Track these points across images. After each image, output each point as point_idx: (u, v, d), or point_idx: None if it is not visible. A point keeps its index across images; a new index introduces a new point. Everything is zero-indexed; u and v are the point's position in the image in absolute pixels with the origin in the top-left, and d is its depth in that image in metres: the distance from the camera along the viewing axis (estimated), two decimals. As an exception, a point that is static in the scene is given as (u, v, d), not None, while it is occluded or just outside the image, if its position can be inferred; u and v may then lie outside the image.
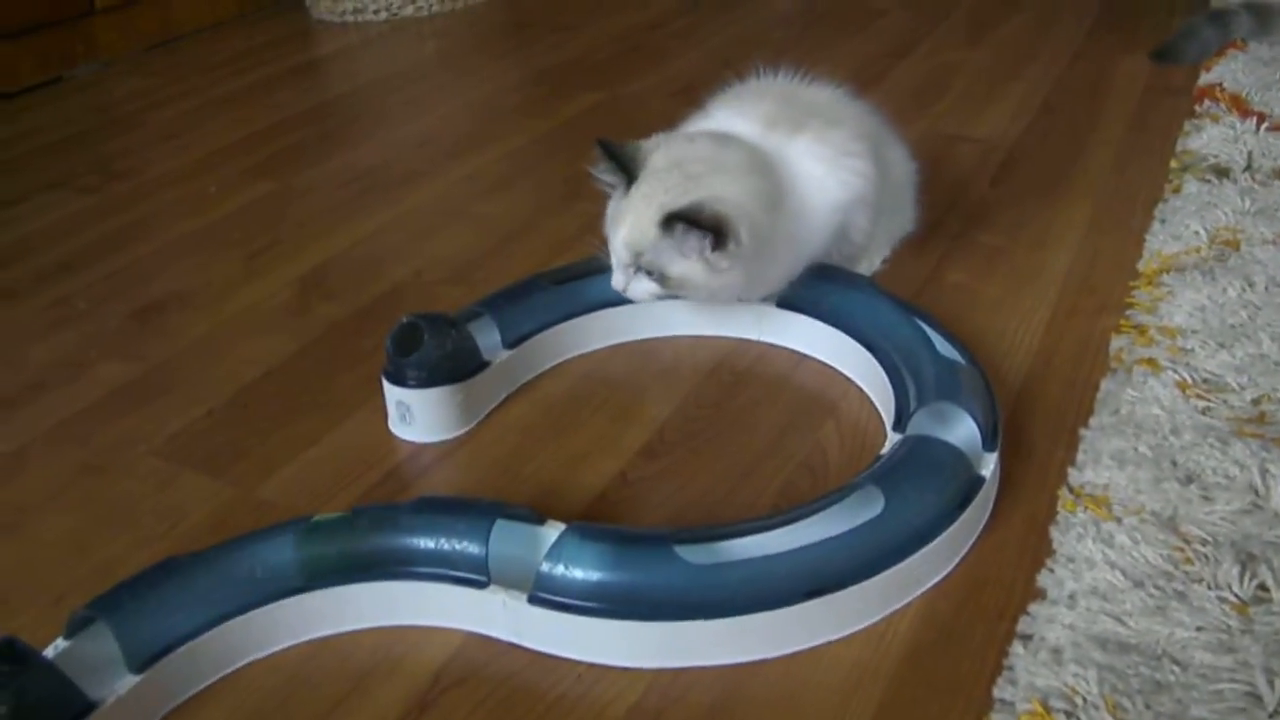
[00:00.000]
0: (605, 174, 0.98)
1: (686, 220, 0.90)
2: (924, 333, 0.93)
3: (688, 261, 0.93)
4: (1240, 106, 1.45)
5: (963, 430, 0.83)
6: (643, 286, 0.96)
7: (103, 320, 1.22)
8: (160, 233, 1.43)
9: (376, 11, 2.29)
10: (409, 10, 2.30)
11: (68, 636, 0.71)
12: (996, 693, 0.67)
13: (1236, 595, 0.71)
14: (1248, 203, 1.19)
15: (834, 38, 2.03)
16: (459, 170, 1.55)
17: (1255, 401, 0.89)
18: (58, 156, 1.73)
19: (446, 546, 0.75)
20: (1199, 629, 0.69)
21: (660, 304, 1.07)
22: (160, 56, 2.21)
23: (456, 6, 2.34)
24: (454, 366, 0.95)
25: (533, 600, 0.72)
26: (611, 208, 0.98)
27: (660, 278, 0.95)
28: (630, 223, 0.94)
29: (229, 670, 0.74)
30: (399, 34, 2.25)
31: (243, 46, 2.24)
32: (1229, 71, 1.58)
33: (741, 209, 0.93)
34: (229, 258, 1.34)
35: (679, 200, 0.92)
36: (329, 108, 1.88)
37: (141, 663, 0.70)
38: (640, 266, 0.95)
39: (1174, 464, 0.83)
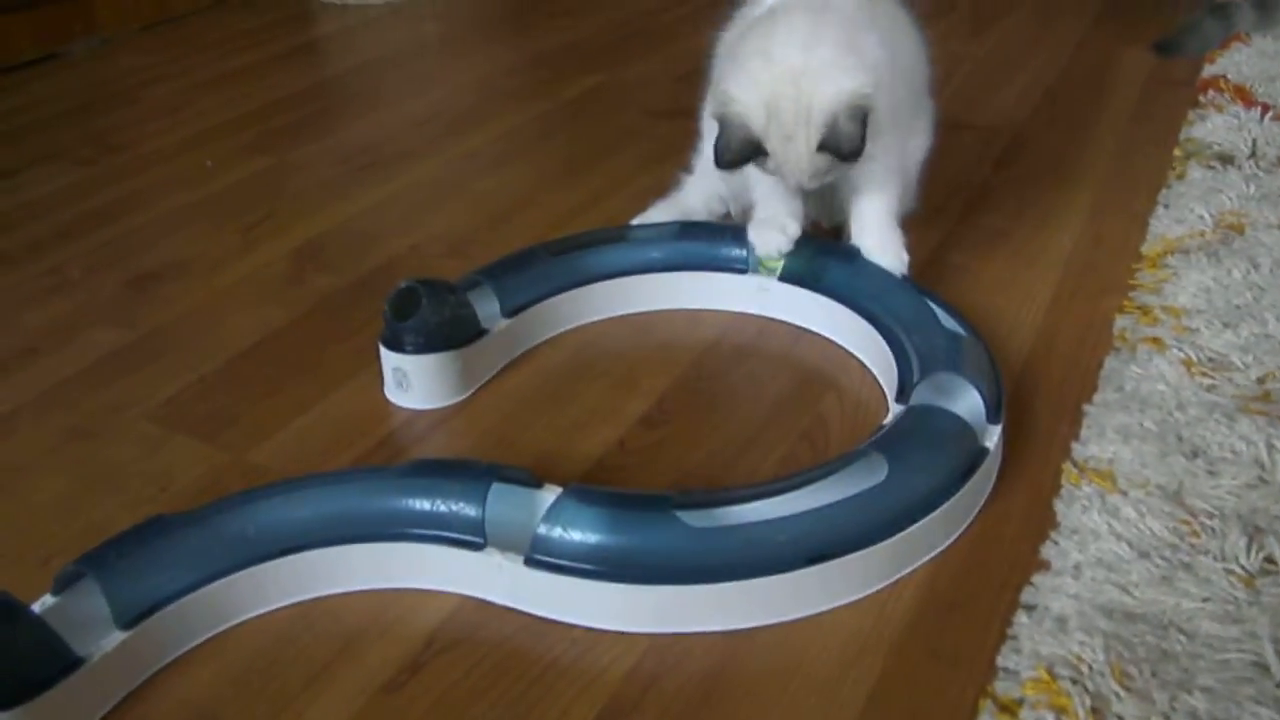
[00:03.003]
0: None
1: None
2: (927, 305, 0.92)
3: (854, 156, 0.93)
4: (1244, 97, 1.44)
5: (967, 401, 0.82)
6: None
7: (97, 288, 1.20)
8: (155, 204, 1.41)
9: (377, -6, 2.27)
10: (410, -7, 2.29)
11: (56, 592, 0.69)
12: (1000, 661, 0.66)
13: (1243, 567, 0.70)
14: (1252, 188, 1.18)
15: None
16: (458, 148, 1.54)
17: (1260, 380, 0.88)
18: (55, 129, 1.71)
19: (443, 508, 0.74)
20: (1205, 600, 0.68)
21: (662, 277, 1.06)
22: (158, 34, 2.19)
23: (457, -9, 2.33)
24: (452, 333, 0.94)
25: (529, 562, 0.71)
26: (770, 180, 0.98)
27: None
28: (803, 159, 0.93)
29: (219, 629, 0.73)
30: (399, 16, 2.23)
31: (242, 27, 2.22)
32: (1233, 64, 1.57)
33: (872, 79, 0.92)
34: (224, 229, 1.33)
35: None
36: (327, 86, 1.87)
37: (130, 619, 0.68)
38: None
39: (1179, 439, 0.82)
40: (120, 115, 1.76)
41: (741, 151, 0.93)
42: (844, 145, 0.90)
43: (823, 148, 0.91)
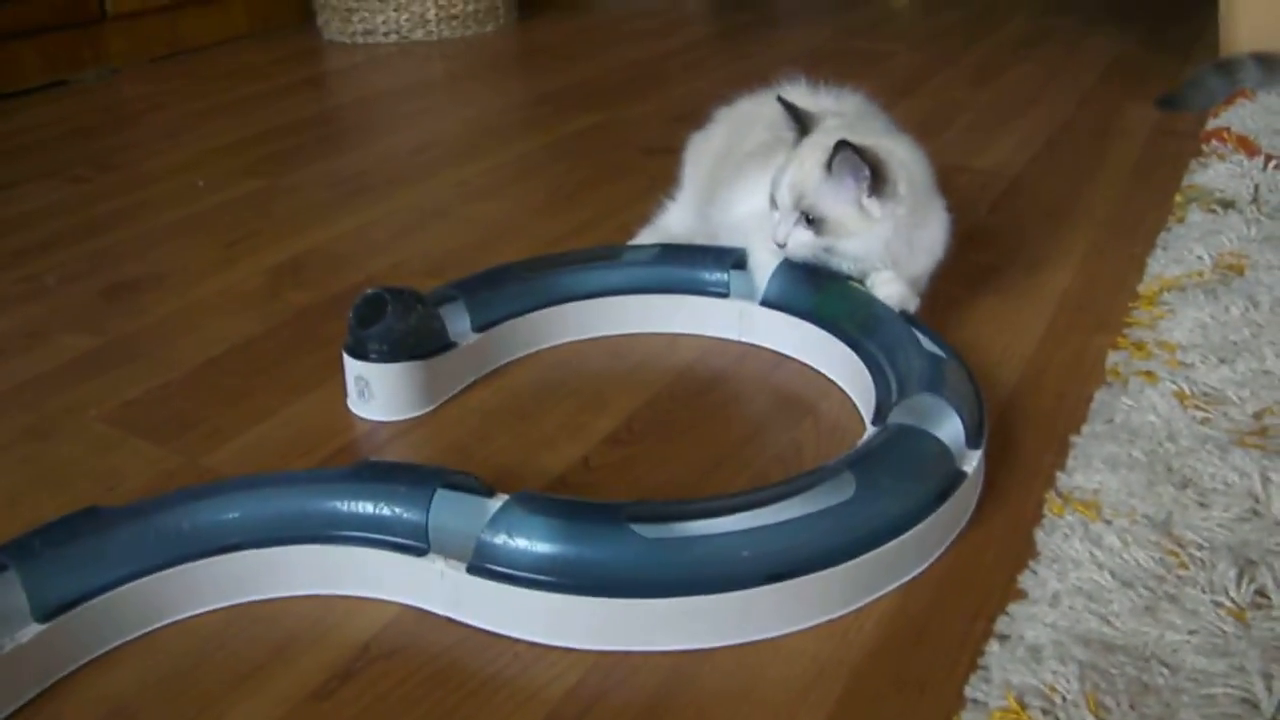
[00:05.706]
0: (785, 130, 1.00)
1: (847, 153, 0.90)
2: (908, 328, 0.89)
3: (844, 206, 0.92)
4: (1248, 147, 1.41)
5: (945, 424, 0.78)
6: (801, 237, 0.94)
7: (72, 296, 1.19)
8: (143, 220, 1.40)
9: (386, 34, 2.29)
10: (418, 34, 2.31)
11: (-27, 582, 0.66)
12: (969, 692, 0.62)
13: (1233, 600, 0.66)
14: (1254, 231, 1.15)
15: (840, 75, 2.01)
16: (451, 176, 1.53)
17: (1257, 415, 0.84)
18: (55, 149, 1.71)
19: (385, 511, 0.70)
20: (1191, 632, 0.64)
21: (639, 299, 1.03)
22: (168, 66, 2.21)
23: (466, 33, 2.35)
24: (418, 343, 0.91)
25: (472, 570, 0.67)
26: (780, 164, 0.97)
27: (818, 222, 0.93)
28: (796, 166, 0.94)
29: (148, 629, 0.69)
30: (407, 55, 2.25)
31: (251, 61, 2.24)
32: (1237, 117, 1.55)
33: (901, 163, 0.94)
34: (207, 245, 1.31)
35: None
36: (328, 116, 1.87)
37: (48, 612, 0.65)
38: (801, 212, 0.93)
39: (1169, 469, 0.78)
40: (120, 138, 1.76)
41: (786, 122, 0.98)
42: (855, 170, 0.91)
43: (832, 156, 0.90)
